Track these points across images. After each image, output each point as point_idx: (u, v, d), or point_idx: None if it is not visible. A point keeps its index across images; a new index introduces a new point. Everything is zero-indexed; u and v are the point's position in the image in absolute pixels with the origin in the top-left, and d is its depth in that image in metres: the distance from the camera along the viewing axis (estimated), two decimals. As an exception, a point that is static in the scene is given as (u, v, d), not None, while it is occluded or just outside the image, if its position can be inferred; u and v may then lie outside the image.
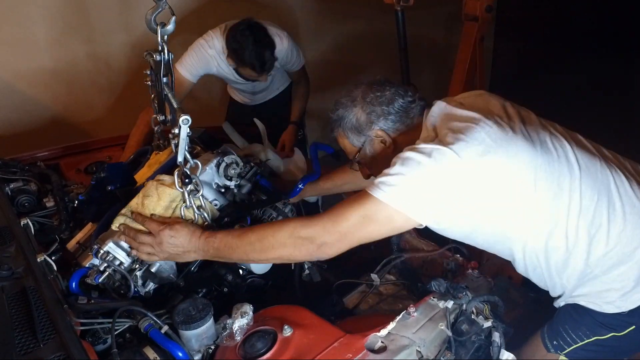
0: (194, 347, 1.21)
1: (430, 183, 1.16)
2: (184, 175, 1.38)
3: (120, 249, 1.39)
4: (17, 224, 1.52)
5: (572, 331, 1.39)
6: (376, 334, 1.20)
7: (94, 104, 3.05)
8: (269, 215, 1.71)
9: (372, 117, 1.35)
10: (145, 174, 1.79)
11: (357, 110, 1.36)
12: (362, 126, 1.37)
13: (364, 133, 1.37)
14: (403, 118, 1.35)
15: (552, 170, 1.22)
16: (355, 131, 1.38)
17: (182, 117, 1.26)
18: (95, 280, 1.35)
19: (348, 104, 1.38)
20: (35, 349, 1.08)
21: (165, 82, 1.50)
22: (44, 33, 2.76)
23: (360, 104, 1.36)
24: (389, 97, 1.35)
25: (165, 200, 1.42)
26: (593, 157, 1.31)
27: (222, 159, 1.60)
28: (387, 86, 1.37)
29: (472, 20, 2.59)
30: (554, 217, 1.24)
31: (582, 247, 1.26)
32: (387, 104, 1.34)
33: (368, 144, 1.39)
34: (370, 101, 1.35)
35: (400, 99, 1.35)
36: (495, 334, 1.26)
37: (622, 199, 1.27)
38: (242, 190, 1.64)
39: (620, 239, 1.26)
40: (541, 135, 1.28)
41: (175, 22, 1.40)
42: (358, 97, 1.37)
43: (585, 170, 1.26)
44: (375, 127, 1.36)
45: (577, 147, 1.31)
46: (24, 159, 2.12)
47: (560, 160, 1.25)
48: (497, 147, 1.18)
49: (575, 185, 1.24)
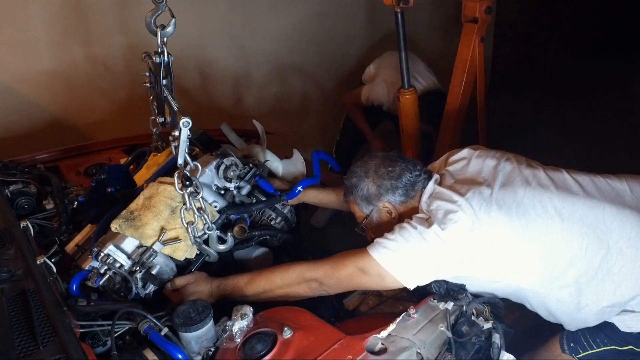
0: (193, 349, 1.20)
1: (416, 256, 1.32)
2: (184, 177, 1.37)
3: (120, 251, 1.39)
4: (17, 226, 1.52)
5: (590, 337, 1.42)
6: (376, 335, 1.20)
7: (94, 106, 3.05)
8: (268, 215, 1.70)
9: (382, 190, 1.49)
10: (143, 175, 1.79)
11: (369, 182, 1.50)
12: (372, 197, 1.50)
13: (373, 203, 1.51)
14: (409, 191, 1.48)
15: (532, 229, 1.31)
16: (365, 200, 1.52)
17: (183, 120, 1.26)
18: (96, 282, 1.35)
19: (361, 174, 1.52)
20: (35, 352, 1.08)
21: (164, 84, 1.50)
22: (44, 35, 2.76)
23: (372, 177, 1.50)
24: (399, 172, 1.48)
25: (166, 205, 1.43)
26: (575, 198, 1.36)
27: (222, 161, 1.60)
28: (398, 161, 1.50)
29: (471, 22, 2.59)
30: (547, 273, 1.33)
31: (588, 292, 1.32)
32: (396, 178, 1.48)
33: (375, 212, 1.52)
34: (381, 175, 1.49)
35: (409, 173, 1.48)
36: (496, 335, 1.26)
37: (614, 232, 1.31)
38: (241, 191, 1.64)
39: (624, 273, 1.30)
40: (519, 195, 1.36)
41: (175, 24, 1.40)
42: (371, 170, 1.51)
43: (569, 219, 1.32)
44: (383, 199, 1.49)
45: (558, 194, 1.37)
46: (24, 161, 2.11)
47: (538, 218, 1.33)
48: (474, 223, 1.30)
49: (558, 238, 1.31)
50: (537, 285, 1.35)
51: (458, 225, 1.30)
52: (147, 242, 1.41)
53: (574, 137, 3.96)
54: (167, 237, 1.42)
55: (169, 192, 1.44)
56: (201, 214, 1.44)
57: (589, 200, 1.36)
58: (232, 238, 1.52)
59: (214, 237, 1.49)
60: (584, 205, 1.34)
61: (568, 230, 1.31)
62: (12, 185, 1.81)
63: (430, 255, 1.31)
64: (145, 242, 1.40)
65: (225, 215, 1.54)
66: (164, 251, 1.43)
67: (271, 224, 1.71)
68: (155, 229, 1.41)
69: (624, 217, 1.33)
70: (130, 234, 1.40)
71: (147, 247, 1.40)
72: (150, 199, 1.45)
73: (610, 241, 1.31)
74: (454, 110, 2.78)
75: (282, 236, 1.67)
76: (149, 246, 1.40)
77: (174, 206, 1.44)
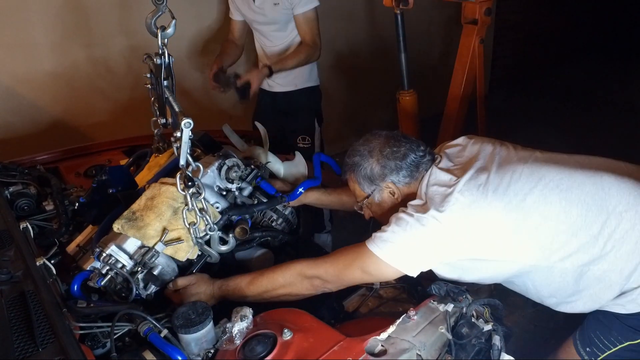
0: (193, 351, 1.20)
1: (415, 243, 1.32)
2: (186, 178, 1.38)
3: (122, 251, 1.39)
4: (16, 228, 1.52)
5: (603, 337, 1.40)
6: (376, 337, 1.19)
7: (94, 107, 3.05)
8: (269, 217, 1.70)
9: (386, 170, 1.46)
10: (145, 176, 1.79)
11: (373, 162, 1.47)
12: (375, 177, 1.47)
13: (376, 183, 1.48)
14: (413, 172, 1.46)
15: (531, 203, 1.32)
16: (367, 180, 1.49)
17: (184, 121, 1.26)
18: (98, 283, 1.35)
19: (365, 153, 1.48)
20: (34, 353, 1.08)
21: (166, 85, 1.50)
22: (44, 36, 2.77)
23: (376, 156, 1.47)
24: (403, 152, 1.46)
25: (168, 205, 1.43)
26: (573, 170, 1.37)
27: (224, 162, 1.61)
28: (402, 141, 1.48)
29: (471, 23, 2.60)
30: (548, 244, 1.32)
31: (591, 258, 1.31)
32: (401, 159, 1.45)
33: (377, 192, 1.50)
34: (386, 155, 1.46)
35: (413, 154, 1.46)
36: (496, 337, 1.25)
37: (612, 197, 1.31)
38: (243, 192, 1.64)
39: (624, 238, 1.29)
40: (516, 172, 1.37)
41: (175, 25, 1.40)
42: (375, 149, 1.47)
43: (567, 189, 1.32)
44: (387, 180, 1.47)
45: (556, 167, 1.38)
46: (24, 162, 2.11)
47: (536, 190, 1.33)
48: (472, 204, 1.31)
49: (557, 208, 1.31)
50: (539, 259, 1.33)
51: (456, 207, 1.30)
52: (149, 243, 1.41)
53: (574, 138, 3.97)
54: (169, 237, 1.42)
55: (171, 193, 1.44)
56: (203, 214, 1.44)
57: (586, 170, 1.36)
58: (233, 239, 1.52)
59: (216, 237, 1.50)
60: (582, 175, 1.35)
61: (567, 199, 1.31)
62: (12, 186, 1.81)
63: (429, 240, 1.31)
64: (148, 242, 1.41)
65: (227, 216, 1.54)
66: (166, 252, 1.43)
67: (272, 226, 1.71)
68: (158, 229, 1.41)
69: (622, 184, 1.33)
70: (132, 234, 1.40)
71: (149, 247, 1.41)
72: (153, 200, 1.45)
73: (610, 207, 1.30)
74: (453, 111, 2.79)
75: (283, 237, 1.68)
76: (151, 247, 1.41)
77: (176, 207, 1.45)
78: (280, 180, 1.83)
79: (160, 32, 1.41)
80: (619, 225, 1.29)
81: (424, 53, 4.41)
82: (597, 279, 1.33)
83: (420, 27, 4.28)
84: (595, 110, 4.75)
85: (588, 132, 4.22)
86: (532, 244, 1.32)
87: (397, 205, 1.45)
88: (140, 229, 1.40)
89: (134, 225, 1.41)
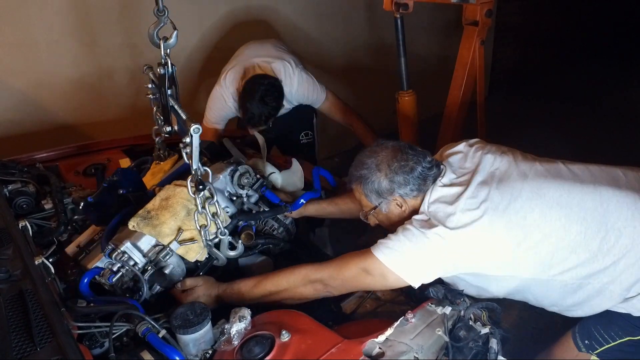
0: (191, 352, 1.20)
1: (419, 254, 1.33)
2: (197, 182, 1.41)
3: (136, 249, 1.41)
4: (15, 226, 1.52)
5: (604, 331, 1.41)
6: (374, 339, 1.20)
7: (93, 106, 3.05)
8: (271, 225, 1.75)
9: (394, 185, 1.44)
10: (149, 181, 1.83)
11: (381, 176, 1.45)
12: (383, 191, 1.46)
13: (384, 197, 1.47)
14: (421, 185, 1.45)
15: (532, 221, 1.33)
16: (375, 193, 1.47)
17: (193, 126, 1.30)
18: (109, 280, 1.37)
19: (372, 167, 1.46)
20: (32, 353, 1.08)
21: (170, 94, 1.53)
22: (44, 35, 2.76)
23: (384, 170, 1.45)
24: (411, 166, 1.44)
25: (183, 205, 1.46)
26: (572, 186, 1.38)
27: (237, 168, 1.68)
28: (410, 153, 1.46)
29: (472, 25, 2.60)
30: (548, 259, 1.34)
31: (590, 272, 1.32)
32: (409, 172, 1.44)
33: (385, 204, 1.49)
34: (394, 169, 1.44)
35: (420, 167, 1.45)
36: (493, 340, 1.26)
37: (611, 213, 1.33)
38: (250, 199, 1.71)
39: (623, 252, 1.30)
40: (516, 189, 1.37)
41: (177, 36, 1.43)
42: (383, 163, 1.45)
43: (567, 206, 1.34)
44: (395, 194, 1.46)
45: (556, 183, 1.39)
46: (23, 161, 2.11)
47: (536, 209, 1.34)
48: (474, 223, 1.32)
49: (557, 225, 1.32)
50: (538, 273, 1.35)
51: (458, 225, 1.31)
52: (165, 241, 1.44)
53: (574, 139, 3.97)
54: (183, 237, 1.45)
55: (186, 194, 1.48)
56: (215, 218, 1.48)
57: (585, 186, 1.38)
58: (242, 245, 1.58)
59: (226, 242, 1.54)
60: (581, 192, 1.36)
61: (567, 216, 1.33)
62: (11, 184, 1.81)
63: (433, 254, 1.33)
64: (163, 240, 1.44)
65: (235, 221, 1.59)
66: (178, 251, 1.46)
67: (273, 234, 1.75)
68: (173, 228, 1.45)
69: (620, 199, 1.34)
70: (148, 231, 1.43)
71: (164, 245, 1.44)
72: (168, 200, 1.49)
73: (609, 223, 1.32)
74: (453, 113, 2.79)
75: (283, 246, 1.73)
76: (166, 245, 1.44)
77: (190, 207, 1.49)
78: (282, 192, 1.87)
79: (163, 42, 1.44)
80: (618, 241, 1.31)
81: (424, 54, 4.41)
82: (597, 291, 1.35)
83: (420, 28, 4.28)
84: (597, 112, 4.75)
85: (589, 134, 4.22)
86: (532, 260, 1.34)
87: (405, 217, 1.47)
88: (155, 226, 1.43)
89: (150, 223, 1.44)
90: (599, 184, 1.38)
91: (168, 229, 1.44)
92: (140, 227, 1.43)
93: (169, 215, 1.45)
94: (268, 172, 1.89)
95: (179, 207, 1.47)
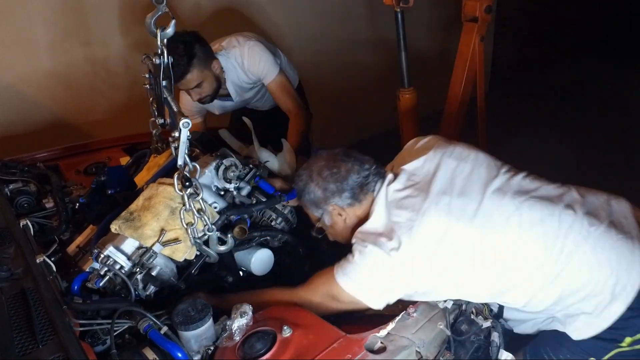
0: (193, 348, 1.20)
1: (380, 277, 1.30)
2: (183, 178, 1.37)
3: (120, 252, 1.38)
4: (17, 225, 1.52)
5: (553, 354, 1.38)
6: (375, 334, 1.20)
7: (94, 105, 3.05)
8: (269, 216, 1.70)
9: (327, 193, 1.43)
10: (144, 176, 1.79)
11: (314, 186, 1.44)
12: (319, 201, 1.45)
13: (321, 207, 1.46)
14: (357, 194, 1.41)
15: (491, 238, 1.29)
16: (313, 204, 1.47)
17: (183, 120, 1.26)
18: (97, 284, 1.34)
19: (306, 179, 1.46)
20: (34, 350, 1.09)
21: (164, 85, 1.50)
22: (43, 35, 2.76)
23: (315, 181, 1.44)
24: (343, 174, 1.41)
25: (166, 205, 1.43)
26: (532, 202, 1.32)
27: (221, 162, 1.60)
28: (343, 162, 1.43)
29: (471, 21, 2.60)
30: (502, 282, 1.31)
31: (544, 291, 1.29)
32: (342, 180, 1.41)
33: (326, 215, 1.47)
34: (325, 178, 1.42)
35: (355, 174, 1.41)
36: (495, 334, 1.26)
37: (570, 231, 1.28)
38: (241, 192, 1.64)
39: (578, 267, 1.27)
40: (475, 202, 1.32)
41: (175, 25, 1.40)
42: (314, 173, 1.44)
43: (525, 224, 1.29)
44: (330, 202, 1.43)
45: (515, 200, 1.32)
46: (24, 160, 2.12)
47: (496, 226, 1.29)
48: (433, 236, 1.28)
49: (516, 244, 1.28)
50: (489, 296, 1.34)
51: (417, 238, 1.28)
52: (147, 243, 1.40)
53: (574, 136, 3.97)
54: (167, 238, 1.41)
55: (169, 193, 1.44)
56: (201, 215, 1.43)
57: (545, 203, 1.32)
58: (232, 239, 1.52)
59: (214, 238, 1.49)
60: (541, 209, 1.30)
61: (526, 235, 1.28)
62: (12, 184, 1.81)
63: (393, 274, 1.29)
64: (145, 242, 1.40)
65: (225, 217, 1.53)
66: (164, 252, 1.43)
67: (272, 225, 1.70)
68: (155, 229, 1.41)
69: (577, 218, 1.29)
70: (129, 234, 1.40)
71: (147, 248, 1.40)
72: (150, 200, 1.45)
73: (567, 240, 1.27)
74: (453, 109, 2.79)
75: (282, 237, 1.66)
76: (149, 247, 1.40)
77: (173, 207, 1.44)
78: (280, 179, 1.82)
79: (160, 32, 1.40)
80: (572, 257, 1.27)
81: (425, 51, 4.40)
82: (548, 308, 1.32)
83: (421, 24, 4.27)
84: (596, 109, 4.74)
85: (588, 131, 4.21)
86: (488, 280, 1.31)
87: (351, 226, 1.43)
88: (137, 229, 1.40)
89: (131, 225, 1.40)
90: (558, 201, 1.33)
91: (150, 231, 1.40)
92: (122, 229, 1.39)
93: (150, 217, 1.41)
94: (263, 159, 1.83)
95: (161, 207, 1.42)
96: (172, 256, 1.44)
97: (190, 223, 1.42)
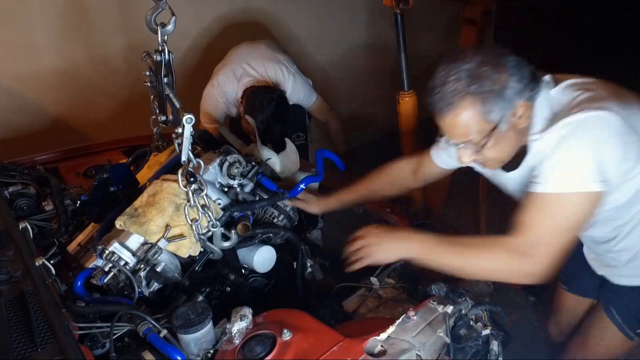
0: (192, 351, 1.20)
1: (604, 149, 1.12)
2: (188, 174, 1.38)
3: (125, 248, 1.39)
4: (16, 228, 1.52)
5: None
6: (376, 337, 1.19)
7: (94, 107, 3.05)
8: (271, 213, 1.71)
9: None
10: (145, 174, 1.80)
11: (503, 75, 1.11)
12: (509, 94, 1.12)
13: (512, 102, 1.13)
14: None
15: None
16: (500, 99, 1.11)
17: (186, 116, 1.27)
18: (101, 280, 1.35)
19: (487, 66, 1.12)
20: (33, 353, 1.08)
21: (166, 82, 1.50)
22: (44, 36, 2.77)
23: (505, 70, 1.12)
24: (522, 60, 1.15)
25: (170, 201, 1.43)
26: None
27: (225, 158, 1.62)
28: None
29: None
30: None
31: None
32: (526, 66, 1.15)
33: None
34: (516, 65, 1.14)
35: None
36: (494, 342, 1.25)
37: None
38: (244, 189, 1.65)
39: None
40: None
41: (175, 22, 1.40)
42: (497, 59, 1.14)
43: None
44: (524, 96, 1.14)
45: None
46: (23, 163, 2.11)
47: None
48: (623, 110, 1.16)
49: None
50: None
51: (611, 106, 1.13)
52: (152, 239, 1.41)
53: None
54: (172, 234, 1.42)
55: (173, 189, 1.45)
56: (205, 211, 1.44)
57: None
58: (236, 235, 1.53)
59: (218, 234, 1.50)
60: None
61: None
62: (12, 186, 1.81)
63: (612, 139, 1.12)
64: (150, 238, 1.41)
65: (229, 213, 1.54)
66: (169, 248, 1.44)
67: (274, 222, 1.71)
68: (160, 225, 1.42)
69: None
70: (134, 230, 1.40)
71: (152, 244, 1.41)
72: (154, 196, 1.46)
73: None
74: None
75: (284, 234, 1.67)
76: (154, 243, 1.41)
77: (178, 203, 1.45)
78: (283, 177, 1.83)
79: (160, 28, 1.41)
80: None
81: (424, 53, 4.41)
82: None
83: (421, 27, 4.28)
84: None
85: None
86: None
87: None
88: (142, 225, 1.40)
89: (136, 221, 1.41)
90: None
91: (155, 227, 1.40)
92: (127, 225, 1.40)
93: (155, 212, 1.42)
94: (265, 157, 1.83)
95: (166, 203, 1.43)
96: (176, 252, 1.45)
97: (195, 219, 1.43)
